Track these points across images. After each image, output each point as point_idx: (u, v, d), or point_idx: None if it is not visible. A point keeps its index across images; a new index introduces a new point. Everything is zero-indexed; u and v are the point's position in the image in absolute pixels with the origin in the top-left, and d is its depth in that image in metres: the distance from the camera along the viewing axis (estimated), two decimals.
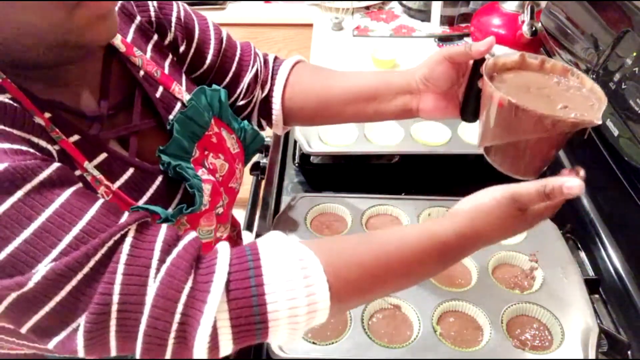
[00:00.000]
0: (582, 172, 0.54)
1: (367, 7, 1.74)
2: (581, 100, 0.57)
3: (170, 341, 0.45)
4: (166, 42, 0.69)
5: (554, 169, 0.57)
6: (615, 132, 0.84)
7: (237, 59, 0.77)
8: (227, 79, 0.76)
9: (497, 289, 0.77)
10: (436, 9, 1.55)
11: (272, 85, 0.79)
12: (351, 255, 0.52)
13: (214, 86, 0.70)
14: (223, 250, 0.49)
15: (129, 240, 0.47)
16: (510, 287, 0.78)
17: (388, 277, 0.53)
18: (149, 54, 0.66)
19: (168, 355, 0.46)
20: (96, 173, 0.54)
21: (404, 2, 1.67)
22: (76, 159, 0.53)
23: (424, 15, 1.62)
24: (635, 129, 0.78)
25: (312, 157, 1.06)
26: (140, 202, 0.58)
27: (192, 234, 0.50)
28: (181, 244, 0.48)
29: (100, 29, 0.50)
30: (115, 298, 0.45)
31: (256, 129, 0.77)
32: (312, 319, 0.48)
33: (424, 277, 0.59)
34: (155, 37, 0.68)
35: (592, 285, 0.80)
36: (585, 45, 0.99)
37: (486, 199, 0.55)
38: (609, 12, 0.94)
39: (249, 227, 1.08)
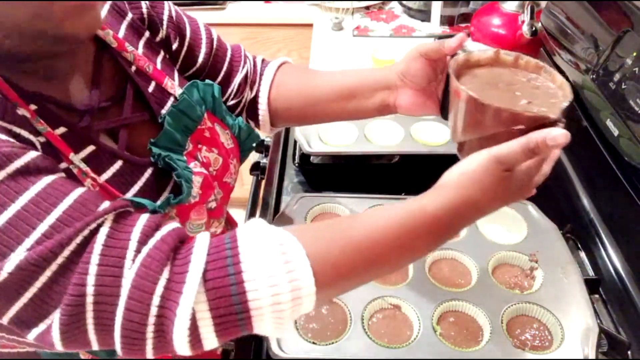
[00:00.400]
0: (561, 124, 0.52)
1: (367, 7, 1.74)
2: (547, 97, 0.57)
3: (149, 335, 0.44)
4: (158, 39, 0.70)
5: (554, 168, 0.57)
6: (615, 132, 0.84)
7: (228, 59, 0.78)
8: (219, 79, 0.77)
9: (497, 289, 0.77)
10: (436, 9, 1.55)
11: (259, 86, 0.80)
12: (336, 236, 0.50)
13: (207, 81, 0.70)
14: (201, 240, 0.47)
15: (105, 229, 0.45)
16: (510, 287, 0.78)
17: (377, 257, 0.51)
18: (140, 50, 0.66)
19: (149, 349, 0.45)
20: (82, 165, 0.54)
21: (404, 2, 1.67)
22: (62, 151, 0.53)
23: (424, 15, 1.62)
24: (635, 129, 0.78)
25: (312, 157, 1.06)
26: (129, 195, 0.58)
27: (172, 224, 0.49)
28: (158, 234, 0.47)
29: (80, 21, 0.50)
30: (90, 289, 0.44)
31: (251, 126, 0.77)
32: (297, 306, 0.46)
33: (417, 255, 0.55)
34: (147, 34, 0.69)
35: (592, 285, 0.80)
36: (585, 45, 0.99)
37: (472, 166, 0.52)
38: (609, 12, 0.94)
39: None
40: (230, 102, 0.79)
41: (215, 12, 1.79)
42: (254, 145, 0.80)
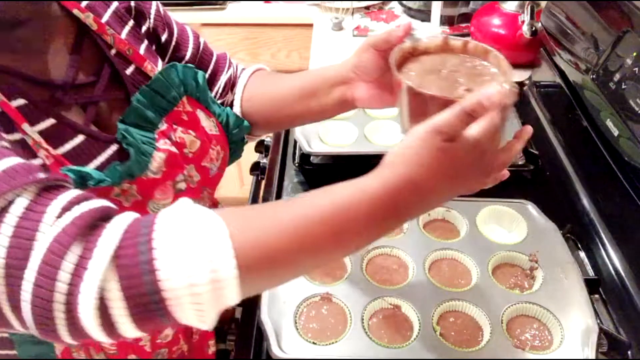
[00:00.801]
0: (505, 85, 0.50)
1: (367, 7, 1.74)
2: (489, 82, 0.56)
3: (59, 314, 0.42)
4: (143, 29, 0.72)
5: (554, 168, 0.57)
6: (615, 132, 0.84)
7: (214, 59, 0.82)
8: (206, 75, 0.78)
9: (497, 289, 0.77)
10: (436, 9, 1.55)
11: (234, 93, 0.83)
12: (267, 216, 0.47)
13: (188, 65, 0.72)
14: (121, 218, 0.45)
15: (22, 201, 0.44)
16: (510, 287, 0.78)
17: (310, 240, 0.46)
18: (123, 36, 0.69)
19: (63, 331, 0.43)
20: (36, 137, 0.54)
21: (404, 2, 1.67)
22: (15, 121, 0.53)
23: (424, 15, 1.62)
24: (635, 129, 0.78)
25: (312, 157, 1.06)
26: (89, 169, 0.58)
27: (98, 201, 0.46)
28: (77, 209, 0.44)
29: None
30: (1, 262, 0.42)
31: (240, 117, 0.78)
32: (218, 292, 0.42)
33: (356, 242, 0.50)
34: (131, 23, 0.71)
35: (592, 285, 0.80)
36: (585, 45, 0.99)
37: (410, 142, 0.49)
38: (609, 12, 0.94)
39: None
40: (218, 101, 0.80)
41: (215, 12, 1.78)
42: (245, 136, 0.81)
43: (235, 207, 0.48)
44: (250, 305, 0.76)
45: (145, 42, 0.72)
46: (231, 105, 0.82)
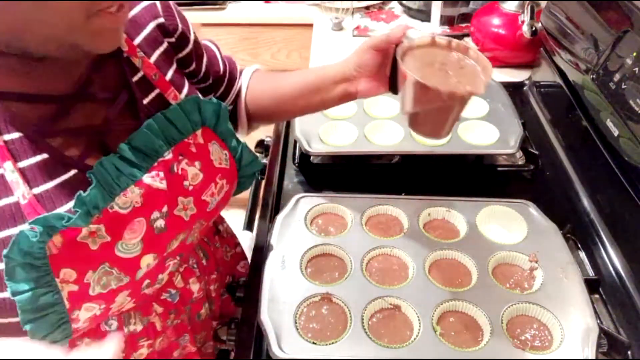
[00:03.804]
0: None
1: (367, 7, 1.74)
2: (472, 75, 0.70)
3: None
4: (181, 55, 0.73)
5: (553, 167, 0.57)
6: (615, 132, 0.84)
7: (229, 68, 0.86)
8: (223, 86, 0.85)
9: (497, 289, 0.77)
10: (436, 9, 1.55)
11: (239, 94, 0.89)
12: None
13: (213, 99, 0.71)
14: None
15: None
16: (510, 287, 0.78)
17: None
18: (154, 58, 0.67)
19: None
20: (15, 177, 0.54)
21: (404, 2, 1.67)
22: None
23: (424, 15, 1.62)
24: (635, 129, 0.78)
25: (312, 157, 1.06)
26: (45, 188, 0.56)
27: None
28: None
29: (109, 38, 0.54)
30: None
31: (254, 154, 0.78)
32: None
33: None
34: (165, 45, 0.69)
35: (592, 285, 0.80)
36: (585, 45, 0.99)
37: None
38: (609, 12, 0.94)
39: (249, 227, 1.08)
40: (229, 107, 0.85)
41: (215, 12, 1.78)
42: (256, 172, 0.80)
43: None
44: (250, 305, 0.76)
45: (174, 65, 0.71)
46: (235, 104, 0.88)
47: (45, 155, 0.56)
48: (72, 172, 0.58)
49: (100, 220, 0.57)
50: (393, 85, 0.77)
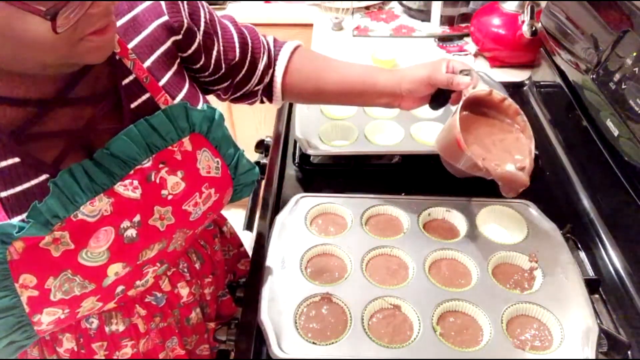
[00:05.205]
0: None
1: (367, 7, 1.74)
2: (521, 151, 0.77)
3: None
4: (186, 54, 0.69)
5: (554, 167, 0.57)
6: (615, 132, 0.84)
7: (250, 50, 0.81)
8: (244, 71, 0.80)
9: (497, 289, 0.77)
10: (436, 9, 1.55)
11: (273, 71, 0.85)
12: None
13: (205, 106, 0.67)
14: None
15: None
16: (510, 287, 0.78)
17: None
18: (150, 61, 0.64)
19: None
20: None
21: (404, 2, 1.67)
22: None
23: (424, 15, 1.62)
24: (635, 129, 0.78)
25: (312, 157, 1.06)
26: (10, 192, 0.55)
27: None
28: None
29: (100, 54, 0.53)
30: None
31: (252, 163, 0.75)
32: None
33: None
34: (169, 44, 0.66)
35: (592, 285, 0.80)
36: (585, 45, 0.99)
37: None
38: (609, 12, 0.94)
39: (249, 227, 1.07)
40: (256, 88, 0.84)
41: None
42: (254, 181, 0.77)
43: None
44: (250, 305, 0.76)
45: (175, 67, 0.67)
46: (270, 83, 0.85)
47: (16, 159, 0.55)
48: (43, 176, 0.56)
49: (64, 228, 0.56)
50: (433, 104, 0.83)
